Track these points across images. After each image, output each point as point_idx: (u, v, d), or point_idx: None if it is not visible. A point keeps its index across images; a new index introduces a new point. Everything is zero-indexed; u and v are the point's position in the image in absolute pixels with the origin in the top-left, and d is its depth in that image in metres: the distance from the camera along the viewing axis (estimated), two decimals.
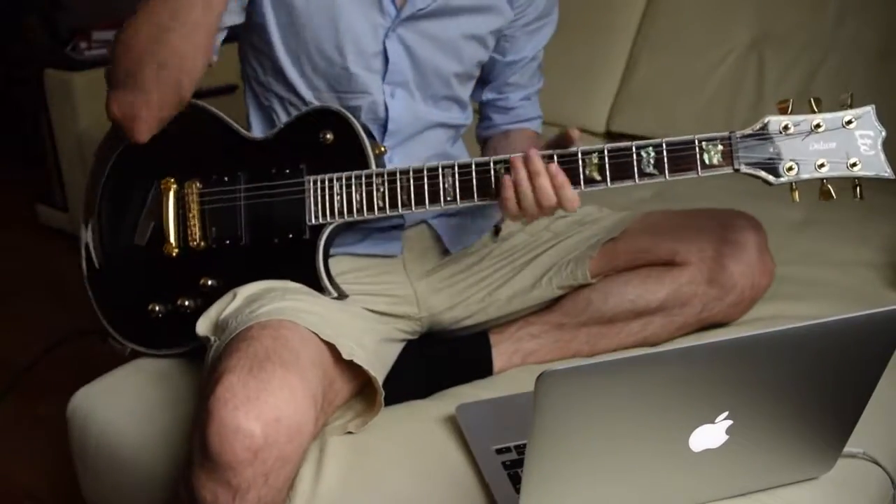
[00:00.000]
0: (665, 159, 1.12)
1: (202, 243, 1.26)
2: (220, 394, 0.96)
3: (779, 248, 1.36)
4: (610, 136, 2.31)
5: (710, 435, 0.90)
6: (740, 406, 0.89)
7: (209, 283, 1.26)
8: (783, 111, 1.10)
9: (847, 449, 1.02)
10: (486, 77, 1.43)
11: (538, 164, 1.12)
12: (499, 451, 1.09)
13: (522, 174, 1.12)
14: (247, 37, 1.29)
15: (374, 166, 1.21)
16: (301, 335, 1.07)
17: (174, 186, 1.27)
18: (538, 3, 1.36)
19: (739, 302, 1.32)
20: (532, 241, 1.39)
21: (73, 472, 1.35)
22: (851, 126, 1.08)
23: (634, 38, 2.28)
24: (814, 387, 0.91)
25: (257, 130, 1.32)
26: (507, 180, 1.13)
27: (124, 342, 1.33)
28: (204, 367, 1.15)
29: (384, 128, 1.28)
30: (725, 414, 0.89)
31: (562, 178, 1.11)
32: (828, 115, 1.09)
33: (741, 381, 0.87)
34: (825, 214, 1.68)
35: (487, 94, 1.45)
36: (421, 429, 1.17)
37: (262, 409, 0.95)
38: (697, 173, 1.11)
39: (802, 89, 2.00)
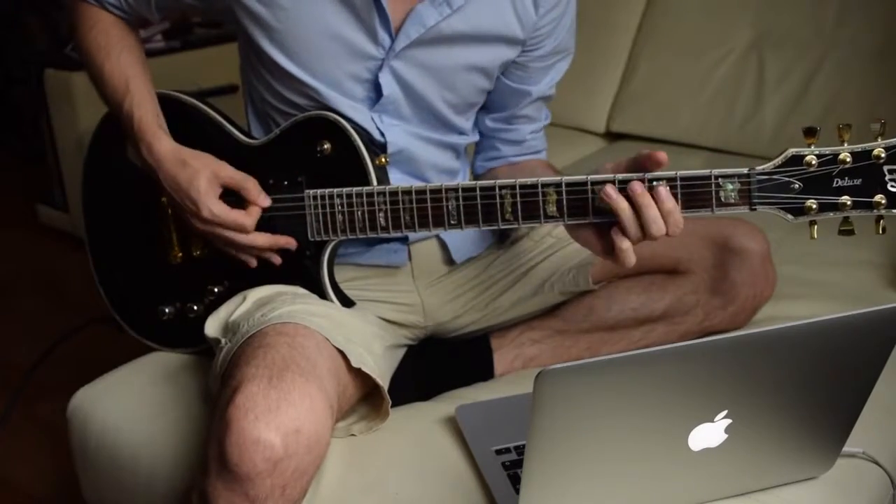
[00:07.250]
0: (679, 195, 1.02)
1: (205, 251, 1.26)
2: (240, 403, 0.94)
3: (779, 248, 1.35)
4: (610, 136, 2.31)
5: (709, 434, 0.90)
6: (739, 405, 0.89)
7: (215, 289, 1.25)
8: (809, 141, 0.99)
9: (846, 448, 1.02)
10: (493, 105, 1.34)
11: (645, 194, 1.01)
12: (499, 452, 1.09)
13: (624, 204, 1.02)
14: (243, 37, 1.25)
15: (374, 181, 1.16)
16: (316, 342, 1.06)
17: None
18: (558, 35, 1.27)
19: (741, 311, 1.32)
20: (534, 247, 1.37)
21: (73, 472, 1.35)
22: (881, 160, 0.97)
23: (634, 38, 2.28)
24: (813, 385, 0.91)
25: (256, 131, 1.29)
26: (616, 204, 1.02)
27: (138, 338, 1.35)
28: (213, 368, 1.14)
29: (383, 148, 1.23)
30: (724, 413, 0.89)
31: (671, 204, 1.01)
32: (856, 148, 0.98)
33: (740, 379, 0.87)
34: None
35: (493, 124, 1.36)
36: (421, 429, 1.17)
37: (283, 420, 0.93)
38: (712, 211, 1.02)
39: (802, 89, 2.00)
